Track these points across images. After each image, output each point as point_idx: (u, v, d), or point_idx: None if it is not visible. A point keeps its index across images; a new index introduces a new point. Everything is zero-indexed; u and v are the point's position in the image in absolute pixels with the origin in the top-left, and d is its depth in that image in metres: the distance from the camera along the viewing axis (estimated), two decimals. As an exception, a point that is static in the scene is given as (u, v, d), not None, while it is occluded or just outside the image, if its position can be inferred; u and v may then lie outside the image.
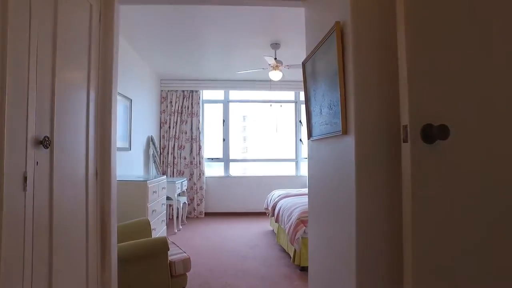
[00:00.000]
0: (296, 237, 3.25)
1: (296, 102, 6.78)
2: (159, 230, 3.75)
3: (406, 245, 1.12)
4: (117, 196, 3.29)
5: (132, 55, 4.60)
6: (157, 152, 5.66)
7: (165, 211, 4.12)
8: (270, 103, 6.75)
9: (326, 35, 1.59)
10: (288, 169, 8.60)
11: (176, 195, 4.98)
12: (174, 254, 2.44)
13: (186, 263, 2.35)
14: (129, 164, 4.39)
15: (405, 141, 1.10)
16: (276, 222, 4.08)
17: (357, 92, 1.34)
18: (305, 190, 4.81)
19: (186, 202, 5.68)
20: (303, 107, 6.72)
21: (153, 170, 5.47)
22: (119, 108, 3.98)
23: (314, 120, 1.86)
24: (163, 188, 3.94)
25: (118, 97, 4.05)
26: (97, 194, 1.77)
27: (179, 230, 5.13)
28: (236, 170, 6.94)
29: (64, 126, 1.42)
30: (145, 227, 2.72)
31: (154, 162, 5.53)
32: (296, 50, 4.60)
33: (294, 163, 6.81)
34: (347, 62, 1.40)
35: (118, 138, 4.12)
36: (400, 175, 1.17)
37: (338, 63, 1.41)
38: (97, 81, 1.76)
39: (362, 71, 1.35)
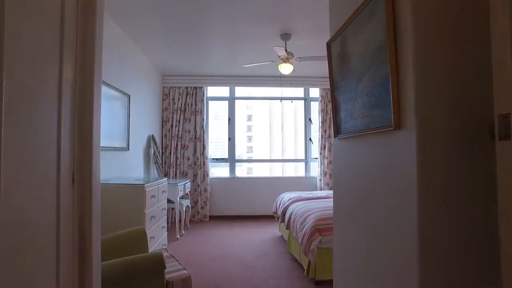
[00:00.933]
0: (310, 248, 2.88)
1: (306, 99, 6.41)
2: (158, 238, 3.41)
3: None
4: (111, 202, 2.98)
5: (131, 48, 4.27)
6: (158, 152, 5.33)
7: (166, 216, 3.78)
8: (280, 100, 6.38)
9: (365, 2, 1.23)
10: (297, 170, 8.26)
11: (178, 198, 4.64)
12: (172, 271, 2.09)
13: (186, 283, 1.99)
14: (127, 166, 4.06)
15: (509, 136, 0.73)
16: (287, 229, 3.71)
17: (419, 71, 0.97)
18: (319, 193, 4.44)
19: (190, 205, 5.34)
20: (313, 104, 6.35)
21: (154, 172, 5.13)
22: (115, 105, 3.64)
23: (344, 113, 1.50)
24: (163, 191, 3.60)
25: (114, 93, 3.74)
26: (74, 204, 1.43)
27: (181, 235, 4.78)
28: (240, 171, 6.60)
29: (19, 127, 1.07)
30: (140, 238, 2.38)
31: (156, 162, 5.19)
32: (308, 41, 4.23)
33: (303, 163, 6.44)
34: (401, 30, 1.03)
35: (115, 137, 3.80)
36: (478, 186, 0.80)
37: (388, 32, 1.04)
38: (73, 71, 1.41)
39: (425, 42, 0.98)
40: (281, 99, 6.36)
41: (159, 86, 5.78)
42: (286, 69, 3.94)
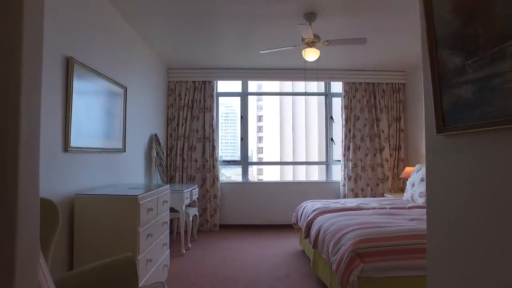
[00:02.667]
0: (350, 280, 2.23)
1: (327, 94, 5.73)
2: (158, 259, 2.79)
3: None
4: (94, 218, 2.32)
5: (131, 35, 3.68)
6: (162, 153, 4.73)
7: (168, 231, 3.17)
8: (304, 94, 5.72)
9: None
10: (316, 174, 7.61)
11: (184, 207, 4.03)
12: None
13: None
14: (123, 170, 3.46)
15: None
16: (314, 247, 3.06)
17: None
18: (348, 202, 3.76)
19: (197, 213, 4.72)
20: (335, 100, 5.67)
21: (157, 176, 4.53)
22: (107, 99, 3.04)
23: (470, 87, 0.84)
24: (164, 202, 2.98)
25: (105, 84, 3.05)
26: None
27: (187, 249, 4.17)
28: (250, 173, 5.96)
29: None
30: (127, 270, 1.76)
31: (160, 165, 4.60)
32: (337, 23, 3.57)
33: (324, 166, 5.76)
34: None
35: (106, 137, 3.16)
36: None
37: None
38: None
39: None
40: (300, 94, 5.70)
41: (163, 80, 5.19)
42: (311, 55, 3.29)
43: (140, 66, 4.04)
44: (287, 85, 9.46)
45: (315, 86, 6.24)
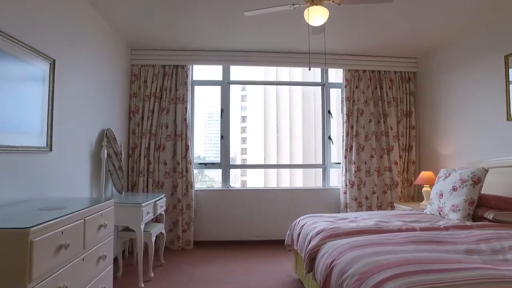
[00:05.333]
0: None
1: (323, 85, 4.83)
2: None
3: None
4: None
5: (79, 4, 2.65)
6: (119, 154, 3.69)
7: (111, 266, 2.16)
8: (295, 84, 4.79)
9: None
10: (311, 179, 6.80)
11: (142, 225, 3.02)
12: None
13: None
14: (49, 178, 2.43)
15: None
16: (322, 289, 2.10)
17: None
18: (365, 219, 2.84)
19: (163, 231, 3.70)
20: (334, 91, 4.77)
21: (110, 185, 3.49)
22: (6, 71, 2.02)
23: None
24: (101, 226, 1.98)
25: (9, 45, 1.79)
26: None
27: (148, 280, 3.15)
28: (233, 178, 5.03)
29: None
30: None
31: (120, 169, 3.57)
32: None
33: (320, 170, 4.85)
34: None
35: (9, 129, 1.91)
36: None
37: None
38: None
39: None
40: (289, 84, 4.78)
41: (124, 64, 4.15)
42: (317, 15, 2.34)
43: (86, 41, 3.01)
44: (271, 73, 8.42)
45: (306, 74, 5.30)
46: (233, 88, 4.80)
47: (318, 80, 4.91)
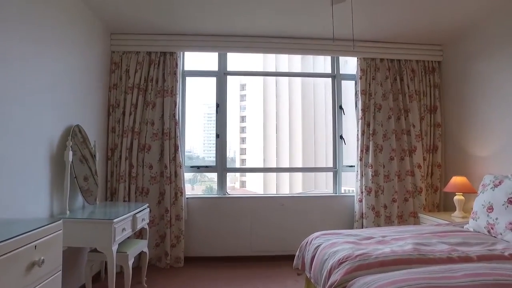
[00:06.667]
0: None
1: (334, 76, 4.20)
2: None
3: None
4: None
5: None
6: (93, 156, 3.06)
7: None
8: (301, 75, 4.20)
9: None
10: (310, 182, 6.28)
11: (115, 246, 2.39)
12: None
13: None
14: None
15: None
16: None
17: None
18: (397, 241, 2.21)
19: (146, 250, 3.07)
20: (346, 84, 4.15)
21: (78, 196, 2.85)
22: None
23: None
24: (33, 265, 1.35)
25: None
26: None
27: (124, 315, 2.53)
28: (230, 182, 4.44)
29: None
30: None
31: (91, 175, 2.94)
32: None
33: (331, 174, 4.23)
34: None
35: None
36: None
37: None
38: None
39: None
40: (291, 75, 4.18)
41: (103, 50, 3.52)
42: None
43: (53, 20, 2.37)
44: (271, 64, 7.70)
45: (306, 65, 4.67)
46: (231, 83, 4.17)
47: (321, 70, 4.29)
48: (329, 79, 4.27)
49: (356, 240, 2.31)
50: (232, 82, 4.28)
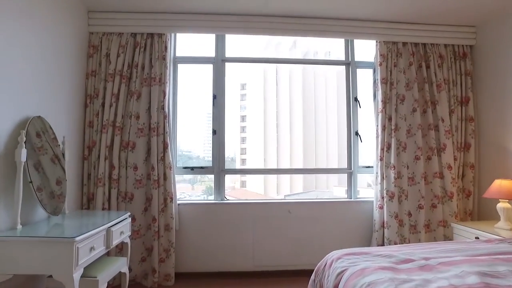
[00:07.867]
0: None
1: (348, 63, 3.65)
2: None
3: None
4: None
5: None
6: (58, 158, 2.51)
7: None
8: (305, 62, 3.70)
9: None
10: (311, 182, 5.83)
11: (77, 274, 1.84)
12: None
13: None
14: None
15: None
16: None
17: None
18: (439, 267, 1.65)
19: (126, 270, 2.52)
20: (361, 72, 3.61)
21: (37, 206, 2.29)
22: None
23: None
24: None
25: None
26: None
27: None
28: (229, 183, 3.99)
29: None
30: None
31: (61, 179, 2.39)
32: None
33: (345, 176, 3.68)
34: None
35: None
36: None
37: None
38: None
39: None
40: (296, 62, 3.65)
41: (79, 30, 2.97)
42: None
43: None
44: (270, 49, 7.03)
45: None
46: (230, 85, 3.62)
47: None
48: (343, 68, 3.72)
49: (393, 265, 1.76)
50: (232, 82, 3.81)
